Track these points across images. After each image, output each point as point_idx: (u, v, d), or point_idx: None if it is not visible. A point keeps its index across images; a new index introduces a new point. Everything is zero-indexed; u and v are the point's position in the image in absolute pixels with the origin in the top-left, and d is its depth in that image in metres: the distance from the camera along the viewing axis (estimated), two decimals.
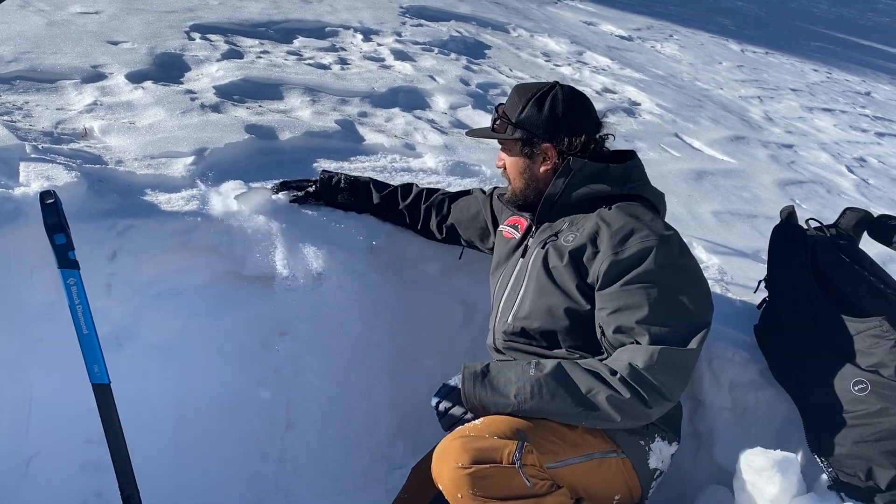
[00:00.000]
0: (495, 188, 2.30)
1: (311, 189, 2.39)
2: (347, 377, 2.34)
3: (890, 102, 8.21)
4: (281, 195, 2.36)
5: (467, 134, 2.17)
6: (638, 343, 1.73)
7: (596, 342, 1.84)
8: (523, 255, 2.01)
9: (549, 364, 1.75)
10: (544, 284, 1.90)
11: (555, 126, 1.92)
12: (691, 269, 1.86)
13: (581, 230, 1.89)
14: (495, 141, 2.05)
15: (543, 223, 1.99)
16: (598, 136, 1.96)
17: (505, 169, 2.04)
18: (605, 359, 1.78)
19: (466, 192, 2.38)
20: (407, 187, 2.42)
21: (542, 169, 1.96)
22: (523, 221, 2.08)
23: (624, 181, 1.93)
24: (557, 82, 1.99)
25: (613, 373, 1.70)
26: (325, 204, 2.40)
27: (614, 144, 2.03)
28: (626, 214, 1.86)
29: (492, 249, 2.24)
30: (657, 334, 1.72)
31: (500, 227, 2.16)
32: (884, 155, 5.62)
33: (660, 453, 1.85)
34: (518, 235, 2.08)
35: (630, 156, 2.01)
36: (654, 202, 1.97)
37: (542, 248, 1.93)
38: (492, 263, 2.16)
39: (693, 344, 1.72)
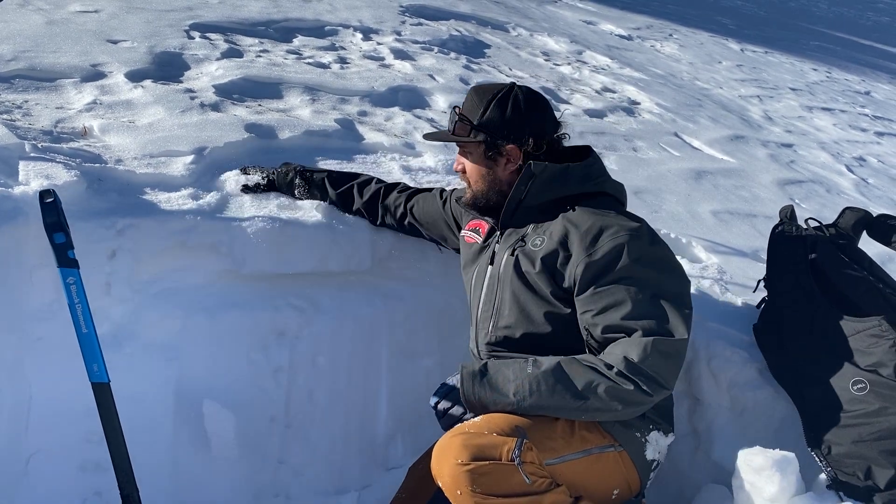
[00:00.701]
0: (453, 190, 2.27)
1: (262, 182, 2.41)
2: (346, 377, 2.34)
3: (889, 102, 8.21)
4: (240, 178, 2.41)
5: (425, 137, 2.13)
6: (628, 337, 1.74)
7: (580, 344, 1.84)
8: (492, 263, 1.99)
9: (546, 360, 1.75)
10: (520, 292, 1.89)
11: (519, 127, 1.91)
12: (665, 257, 1.86)
13: (549, 234, 1.88)
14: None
15: (507, 228, 1.98)
16: (557, 136, 1.96)
17: (464, 172, 2.01)
18: (599, 354, 1.77)
19: (426, 190, 2.34)
20: (364, 183, 2.38)
21: (506, 172, 1.94)
22: (484, 225, 2.06)
23: (585, 179, 1.92)
24: (514, 83, 1.98)
25: (609, 367, 1.71)
26: (281, 192, 2.41)
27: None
28: (592, 213, 1.86)
29: (457, 249, 2.22)
30: (647, 327, 1.73)
31: (463, 232, 2.14)
32: (883, 154, 5.62)
33: (656, 444, 1.86)
34: (480, 240, 2.06)
35: (587, 152, 1.99)
36: (616, 196, 1.97)
37: (512, 254, 1.92)
38: (461, 264, 2.15)
39: (682, 331, 1.73)
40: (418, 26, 5.32)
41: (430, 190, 2.33)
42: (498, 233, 2.00)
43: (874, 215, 2.27)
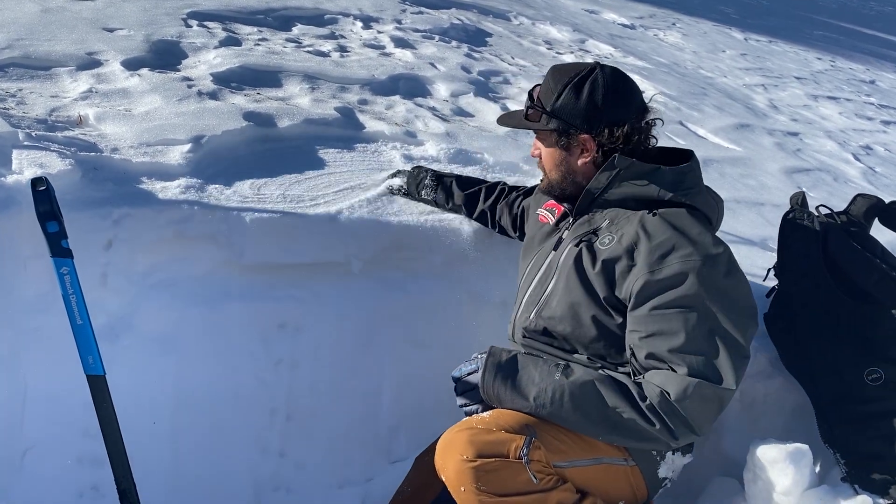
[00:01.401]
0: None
1: (404, 187, 2.48)
2: (349, 369, 2.30)
3: (895, 90, 8.14)
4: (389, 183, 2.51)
5: (498, 122, 1.98)
6: (673, 371, 1.60)
7: (620, 355, 1.74)
8: (556, 248, 1.88)
9: (578, 371, 1.65)
10: (574, 286, 1.76)
11: (594, 116, 1.73)
12: (736, 293, 1.66)
13: (620, 235, 1.73)
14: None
15: (582, 216, 1.84)
16: (642, 124, 1.77)
17: (540, 159, 1.88)
18: (637, 378, 1.67)
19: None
20: (491, 186, 2.35)
21: (581, 162, 1.79)
22: (560, 208, 1.95)
23: (675, 187, 1.73)
24: (598, 63, 1.80)
25: (643, 398, 1.60)
26: (410, 198, 2.46)
27: (660, 131, 1.86)
28: (670, 226, 1.68)
29: None
30: (693, 365, 1.58)
31: (538, 210, 2.03)
32: (890, 143, 5.57)
33: (671, 464, 1.78)
34: (552, 221, 1.96)
35: (686, 157, 1.80)
36: (706, 212, 1.77)
37: (577, 245, 1.79)
38: (523, 245, 2.06)
39: (731, 381, 1.58)
40: (419, 15, 5.26)
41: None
42: (570, 219, 1.88)
43: (886, 202, 2.22)
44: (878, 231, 2.21)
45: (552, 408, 1.63)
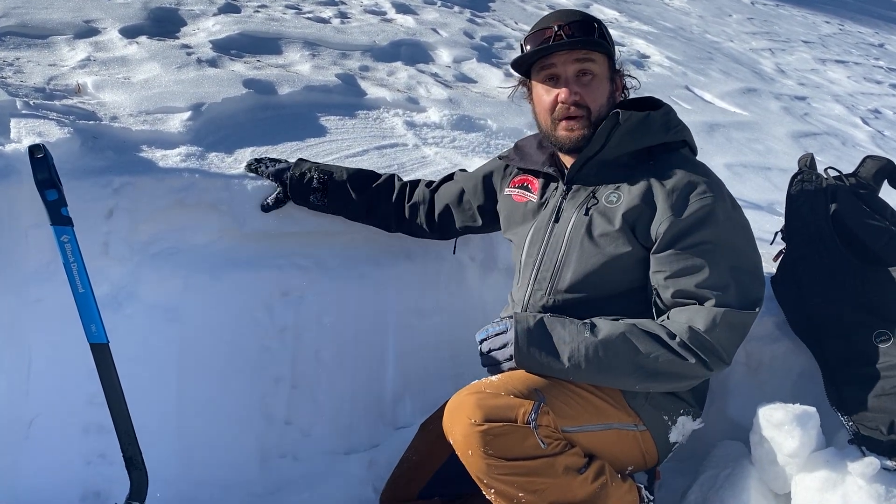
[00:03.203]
0: (490, 161, 2.10)
1: (280, 196, 2.15)
2: (353, 336, 2.30)
3: None
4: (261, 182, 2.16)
5: (551, 48, 1.75)
6: (700, 304, 1.66)
7: (641, 309, 1.74)
8: (556, 220, 1.83)
9: (605, 326, 1.66)
10: (590, 255, 1.75)
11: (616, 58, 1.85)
12: (745, 225, 1.77)
13: (627, 189, 1.75)
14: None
15: (575, 184, 1.83)
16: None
17: (580, 99, 1.76)
18: (661, 320, 1.69)
19: (448, 178, 2.16)
20: (387, 185, 2.15)
21: (613, 101, 1.82)
22: (534, 181, 1.91)
23: (666, 128, 1.81)
24: None
25: (672, 336, 1.64)
26: (296, 203, 2.15)
27: (667, 95, 1.94)
28: (678, 169, 1.74)
29: (486, 229, 2.11)
30: (720, 296, 1.65)
31: (507, 191, 1.98)
32: None
33: (682, 428, 1.79)
34: (535, 197, 1.90)
35: (653, 103, 1.85)
36: (691, 145, 1.87)
37: (586, 213, 1.77)
38: (504, 227, 2.01)
39: (753, 305, 1.67)
40: None
41: (450, 177, 2.16)
42: (563, 187, 1.85)
43: None
44: (887, 193, 2.18)
45: (587, 366, 1.63)
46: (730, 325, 1.64)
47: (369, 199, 2.14)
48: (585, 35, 1.76)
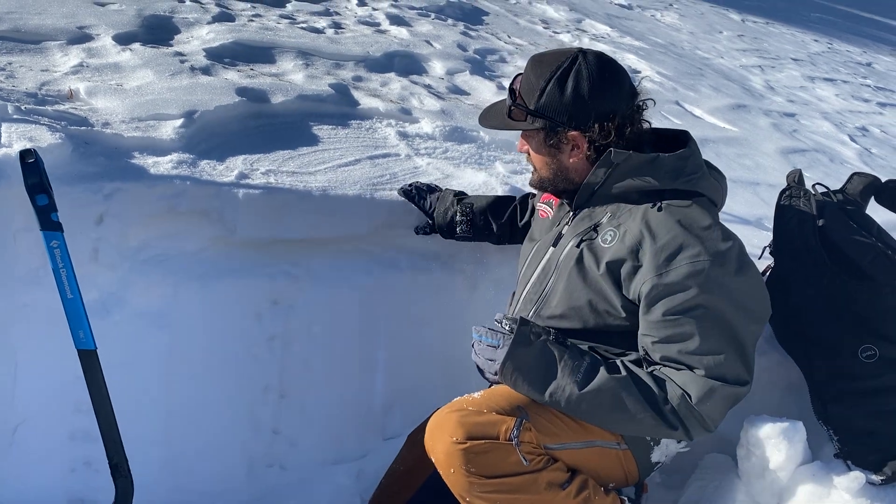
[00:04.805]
0: None
1: (428, 230, 2.28)
2: (342, 346, 2.29)
3: (891, 73, 8.12)
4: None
5: (480, 123, 1.86)
6: (692, 371, 1.59)
7: (622, 347, 1.70)
8: (555, 244, 1.79)
9: (598, 376, 1.59)
10: (575, 288, 1.70)
11: (581, 111, 1.63)
12: (748, 290, 1.61)
13: (623, 232, 1.64)
14: None
15: (582, 210, 1.76)
16: (633, 110, 1.67)
17: (529, 155, 1.78)
18: (656, 371, 1.63)
19: None
20: (524, 199, 2.19)
21: (572, 160, 1.70)
22: (556, 199, 1.88)
23: (676, 175, 1.64)
24: (580, 51, 1.67)
25: (665, 400, 1.58)
26: (444, 238, 2.25)
27: (656, 111, 1.82)
28: (677, 223, 1.59)
29: None
30: (711, 367, 1.56)
31: (538, 205, 1.97)
32: (886, 125, 5.56)
33: (665, 449, 1.77)
34: (552, 214, 1.88)
35: (683, 140, 1.71)
36: (710, 197, 1.69)
37: (577, 246, 1.70)
38: (525, 238, 1.99)
39: (746, 378, 1.59)
40: None
41: None
42: (571, 213, 1.79)
43: (883, 181, 2.21)
44: (874, 210, 2.20)
45: (566, 407, 1.61)
46: (722, 397, 1.57)
47: (509, 224, 2.18)
48: (521, 116, 1.70)
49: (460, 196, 2.25)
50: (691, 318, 1.55)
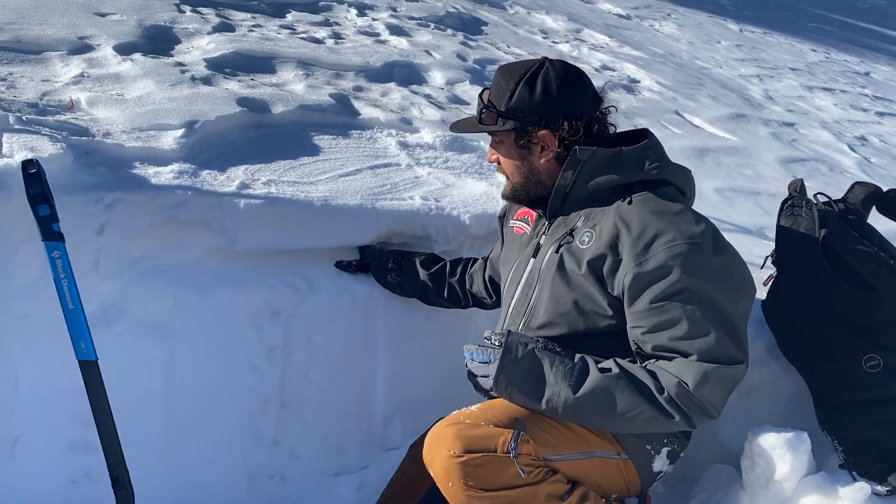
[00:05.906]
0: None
1: (356, 268, 2.32)
2: (343, 356, 2.29)
3: (889, 83, 8.15)
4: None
5: (451, 129, 1.91)
6: (685, 357, 1.57)
7: (624, 350, 1.68)
8: (535, 255, 1.80)
9: (591, 375, 1.59)
10: (560, 293, 1.70)
11: (551, 110, 1.68)
12: (728, 269, 1.62)
13: (599, 230, 1.67)
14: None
15: (556, 217, 1.78)
16: (598, 113, 1.74)
17: (499, 164, 1.81)
18: (650, 365, 1.62)
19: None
20: (455, 261, 2.23)
21: (543, 160, 1.73)
22: (532, 213, 1.89)
23: (641, 165, 1.69)
24: (546, 58, 1.75)
25: (661, 390, 1.56)
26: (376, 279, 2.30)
27: (616, 119, 1.82)
28: (649, 212, 1.62)
29: None
30: (703, 350, 1.56)
31: (511, 223, 1.96)
32: (885, 134, 5.58)
33: (666, 457, 1.75)
34: (529, 229, 1.88)
35: (643, 135, 1.77)
36: (678, 185, 1.73)
37: (556, 251, 1.72)
38: (500, 257, 2.00)
39: (740, 356, 1.58)
40: (414, 2, 5.22)
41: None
42: (546, 223, 1.81)
43: (884, 190, 2.21)
44: (876, 219, 2.20)
45: (563, 412, 1.60)
46: (719, 380, 1.55)
47: (437, 275, 2.20)
48: (492, 119, 1.74)
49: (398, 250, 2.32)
50: (676, 303, 1.56)
